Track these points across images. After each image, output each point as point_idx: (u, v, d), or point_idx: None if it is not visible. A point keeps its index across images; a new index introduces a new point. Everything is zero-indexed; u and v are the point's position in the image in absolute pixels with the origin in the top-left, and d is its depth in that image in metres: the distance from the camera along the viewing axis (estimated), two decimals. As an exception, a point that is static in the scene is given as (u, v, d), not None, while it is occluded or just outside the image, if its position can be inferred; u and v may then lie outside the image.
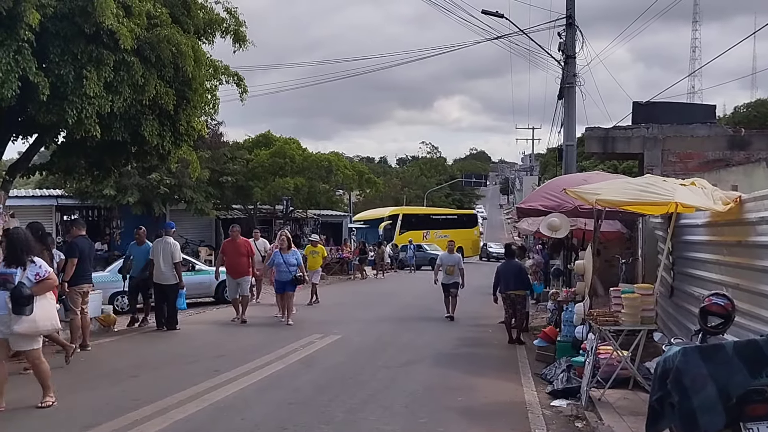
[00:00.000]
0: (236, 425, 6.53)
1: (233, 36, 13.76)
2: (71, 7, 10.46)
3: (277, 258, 14.35)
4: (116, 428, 6.22)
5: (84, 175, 15.64)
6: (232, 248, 14.48)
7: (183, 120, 13.07)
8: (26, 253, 6.84)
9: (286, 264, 14.14)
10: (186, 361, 9.67)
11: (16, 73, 9.78)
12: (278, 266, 14.25)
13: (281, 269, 14.19)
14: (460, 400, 7.82)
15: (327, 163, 32.73)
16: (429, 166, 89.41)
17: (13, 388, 7.67)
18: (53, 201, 27.14)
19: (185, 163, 18.74)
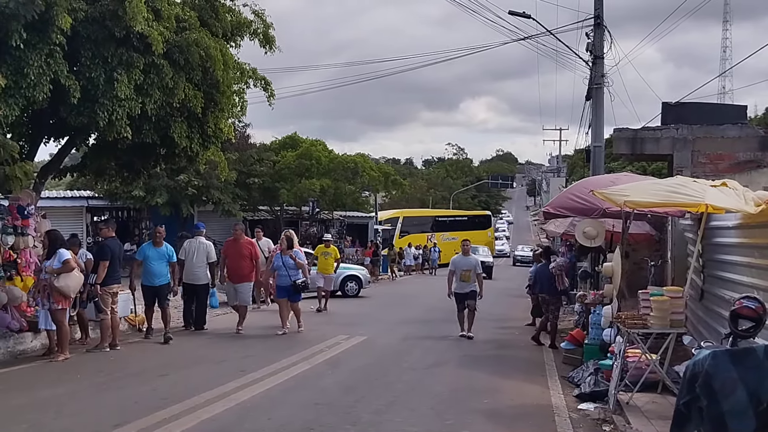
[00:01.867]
0: (262, 425, 6.57)
1: (262, 39, 13.88)
2: (102, 11, 10.64)
3: (276, 260, 12.81)
4: (144, 427, 6.29)
5: (114, 176, 15.87)
6: (235, 250, 13.08)
7: (211, 122, 13.21)
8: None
9: (285, 267, 12.50)
10: (213, 361, 9.76)
11: (47, 76, 9.96)
12: (278, 270, 12.69)
13: (281, 273, 12.60)
14: (486, 402, 7.79)
15: (353, 164, 32.82)
16: (455, 167, 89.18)
17: (45, 387, 7.82)
18: (84, 202, 27.58)
19: (213, 164, 18.97)
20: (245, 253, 12.95)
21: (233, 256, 12.98)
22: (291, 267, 12.38)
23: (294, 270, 12.42)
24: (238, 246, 13.03)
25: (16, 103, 9.82)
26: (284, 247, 12.67)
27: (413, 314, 16.81)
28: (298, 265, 12.45)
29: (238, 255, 12.90)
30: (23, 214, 10.88)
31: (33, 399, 7.31)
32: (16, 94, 9.74)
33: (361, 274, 22.54)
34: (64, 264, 9.48)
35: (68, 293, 9.56)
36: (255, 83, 14.25)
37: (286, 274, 12.43)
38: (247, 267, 12.93)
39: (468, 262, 12.82)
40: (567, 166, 60.07)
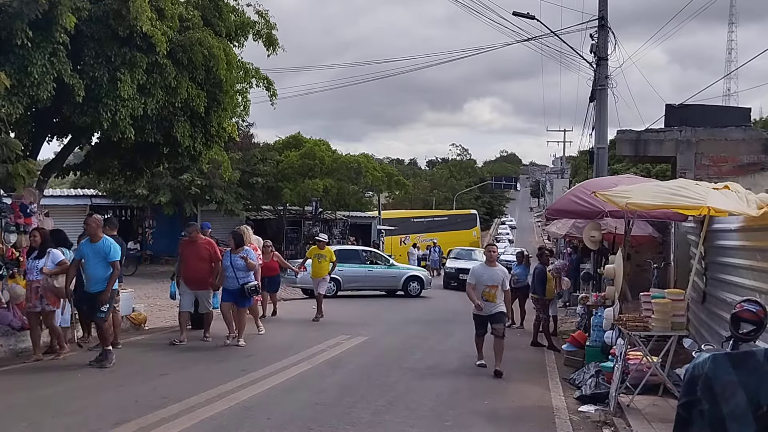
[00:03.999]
0: (262, 424, 6.57)
1: (265, 39, 13.90)
2: (105, 11, 10.68)
3: (224, 259, 11.12)
4: (145, 425, 6.29)
5: (117, 175, 15.94)
6: (191, 251, 11.22)
7: (214, 122, 13.24)
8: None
9: (233, 268, 10.96)
10: (214, 360, 9.76)
11: (51, 75, 10.01)
12: (225, 271, 11.04)
13: (228, 274, 11.01)
14: (486, 404, 7.78)
15: (356, 164, 32.83)
16: (459, 168, 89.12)
17: (45, 385, 7.83)
18: (87, 201, 27.65)
19: (216, 164, 19.03)
20: (203, 255, 11.13)
21: (189, 259, 11.19)
22: (240, 268, 10.88)
23: (244, 272, 10.94)
24: (195, 247, 11.20)
25: (20, 102, 9.86)
26: (233, 245, 11.13)
27: (415, 315, 16.81)
28: (249, 267, 10.97)
29: (195, 257, 11.13)
30: (26, 212, 10.90)
31: (33, 397, 7.31)
32: (20, 92, 9.79)
33: (422, 274, 23.27)
34: (60, 265, 9.40)
35: (64, 294, 9.51)
36: (258, 83, 14.28)
37: (233, 276, 10.94)
38: (205, 271, 11.10)
39: (493, 276, 9.78)
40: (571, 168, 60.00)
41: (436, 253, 37.35)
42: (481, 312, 9.68)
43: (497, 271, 9.89)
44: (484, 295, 9.63)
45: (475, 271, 10.07)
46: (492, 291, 9.66)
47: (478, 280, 9.79)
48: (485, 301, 9.62)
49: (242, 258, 10.93)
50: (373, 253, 24.45)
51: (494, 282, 9.69)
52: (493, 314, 9.70)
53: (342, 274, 21.11)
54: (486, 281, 9.71)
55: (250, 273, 11.04)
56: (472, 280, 9.90)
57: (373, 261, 22.86)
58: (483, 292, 9.63)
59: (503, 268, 10.16)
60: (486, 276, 9.75)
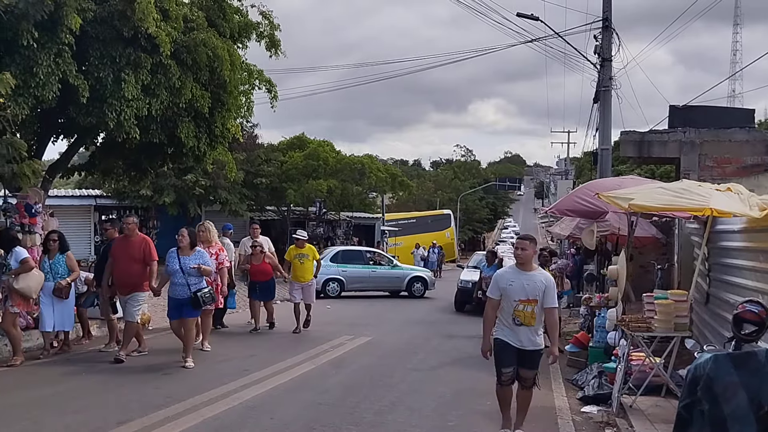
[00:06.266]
0: (265, 424, 6.59)
1: (268, 41, 13.92)
2: (110, 11, 10.71)
3: (171, 263, 9.30)
4: (148, 424, 6.32)
5: (122, 175, 16.00)
6: (123, 249, 9.66)
7: (218, 122, 13.26)
8: None
9: (183, 273, 9.20)
10: (217, 360, 9.78)
11: (56, 75, 10.04)
12: (173, 275, 9.32)
13: (176, 281, 9.27)
14: (489, 404, 7.77)
15: (360, 165, 32.79)
16: (463, 169, 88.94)
17: (49, 384, 7.86)
18: (92, 201, 27.69)
19: (220, 164, 19.01)
20: (136, 254, 9.54)
21: (121, 259, 9.63)
22: (192, 273, 9.20)
23: (196, 278, 9.26)
24: (129, 245, 9.65)
25: (26, 102, 9.88)
26: (185, 244, 9.33)
27: (419, 316, 16.81)
28: (203, 272, 9.36)
29: (127, 257, 9.56)
30: (31, 212, 10.96)
31: (36, 396, 7.35)
32: (26, 93, 9.82)
33: (426, 275, 23.22)
34: (23, 264, 8.89)
35: (30, 294, 9.05)
36: (260, 85, 14.30)
37: (183, 283, 9.17)
38: (137, 273, 9.56)
39: (529, 284, 6.37)
40: (575, 169, 59.90)
41: (435, 254, 37.23)
42: (511, 342, 6.38)
43: (535, 277, 6.43)
44: (516, 316, 6.34)
45: (499, 278, 6.55)
46: (528, 309, 6.32)
47: (507, 292, 6.38)
48: (517, 326, 6.34)
49: (194, 267, 9.21)
50: (377, 253, 24.49)
51: (531, 296, 6.33)
52: (527, 350, 6.39)
53: (346, 274, 21.18)
54: (517, 293, 6.34)
55: (203, 279, 9.39)
56: (494, 292, 6.49)
57: (377, 262, 22.89)
58: (515, 311, 6.33)
59: (545, 274, 6.69)
60: (517, 285, 6.36)
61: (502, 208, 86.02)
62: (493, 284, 6.59)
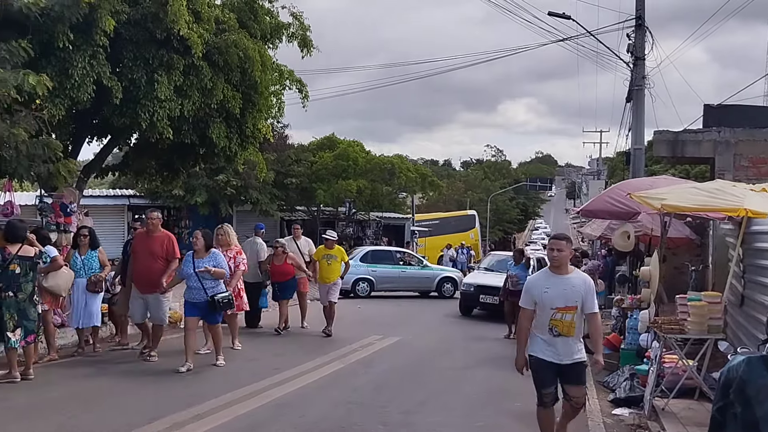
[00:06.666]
0: (296, 422, 6.64)
1: (300, 41, 14.02)
2: (144, 14, 10.88)
3: (186, 266, 8.98)
4: (179, 421, 6.40)
5: (154, 175, 16.21)
6: (144, 245, 9.36)
7: (249, 123, 13.38)
8: None
9: (198, 277, 8.82)
10: (248, 358, 9.86)
11: (91, 77, 10.23)
12: (187, 279, 8.95)
13: (191, 284, 8.90)
14: (519, 405, 7.73)
15: (390, 165, 32.82)
16: (493, 169, 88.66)
17: (82, 380, 8.00)
18: (125, 201, 28.12)
19: (251, 164, 19.20)
20: (157, 251, 9.22)
21: (141, 255, 9.33)
22: (206, 276, 8.84)
23: (212, 281, 8.89)
24: (151, 241, 9.32)
25: (62, 104, 10.09)
26: (199, 247, 8.99)
27: (448, 316, 16.76)
28: (215, 275, 8.91)
29: (148, 254, 9.23)
30: (66, 211, 11.17)
31: (70, 392, 7.47)
32: (62, 94, 10.02)
33: (456, 276, 22.97)
34: (52, 262, 8.62)
35: (59, 292, 9.05)
36: (291, 85, 14.41)
37: (198, 286, 8.82)
38: (158, 270, 9.18)
39: (567, 289, 5.67)
40: (607, 169, 59.27)
41: (464, 255, 37.04)
42: (552, 358, 5.66)
43: (573, 281, 5.71)
44: (553, 325, 5.62)
45: (532, 286, 5.83)
46: (566, 318, 5.61)
47: (541, 299, 5.66)
48: (554, 337, 5.63)
49: (205, 270, 8.80)
50: (407, 254, 24.49)
51: (570, 300, 5.63)
52: (569, 363, 5.66)
53: (376, 274, 21.21)
54: (554, 300, 5.62)
55: (218, 282, 9.00)
56: (527, 302, 5.77)
57: (407, 262, 22.89)
58: (551, 320, 5.62)
59: (583, 276, 5.93)
60: (554, 291, 5.64)
61: (533, 209, 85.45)
62: (526, 293, 5.81)
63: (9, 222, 8.31)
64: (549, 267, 5.86)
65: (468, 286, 17.29)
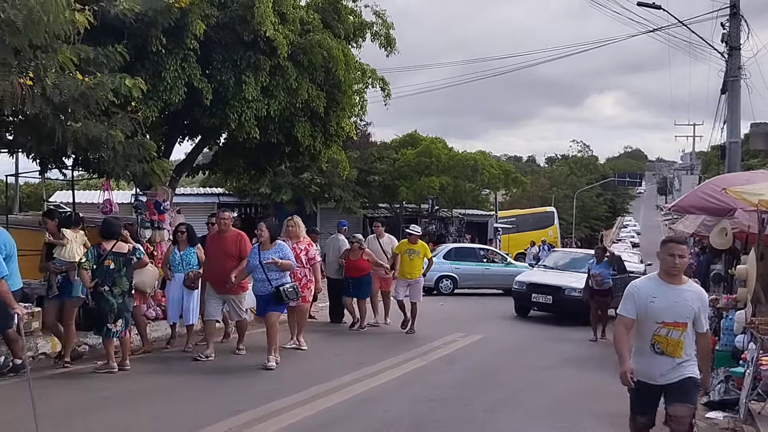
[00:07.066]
0: (379, 417, 6.70)
1: (383, 40, 14.11)
2: (232, 17, 11.17)
3: (252, 259, 9.00)
4: (263, 414, 6.55)
5: (242, 174, 16.66)
6: (217, 246, 9.39)
7: (333, 121, 13.57)
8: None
9: (263, 269, 8.80)
10: (330, 354, 10.01)
11: (182, 79, 10.60)
12: (253, 271, 8.97)
13: (257, 276, 8.91)
14: (605, 406, 7.54)
15: (473, 162, 32.56)
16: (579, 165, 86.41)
17: (172, 374, 8.31)
18: (215, 199, 29.02)
19: (335, 162, 19.46)
20: (230, 251, 9.24)
21: (215, 256, 9.35)
22: (273, 268, 8.79)
23: (277, 272, 8.84)
24: (222, 242, 9.36)
25: (155, 105, 10.50)
26: (264, 239, 8.97)
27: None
28: (281, 266, 8.84)
29: (222, 254, 9.24)
30: (159, 209, 11.62)
31: (163, 383, 7.76)
32: (155, 96, 10.41)
33: None
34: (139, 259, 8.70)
35: (143, 289, 9.32)
36: (374, 83, 14.51)
37: (263, 278, 8.80)
38: (232, 270, 9.12)
39: (678, 303, 4.87)
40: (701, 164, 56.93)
41: (546, 253, 36.33)
42: (648, 379, 4.90)
43: (685, 294, 4.89)
44: (655, 341, 4.85)
45: (636, 291, 4.97)
46: (674, 335, 4.83)
47: (647, 310, 4.86)
48: (657, 354, 4.86)
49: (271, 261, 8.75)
50: (491, 251, 24.28)
51: (681, 315, 4.83)
52: (673, 383, 4.87)
53: (459, 271, 21.15)
54: (661, 313, 4.82)
55: (284, 273, 8.94)
56: (627, 309, 4.95)
57: (491, 259, 22.69)
58: (654, 336, 4.85)
59: (699, 290, 5.07)
60: (662, 303, 4.83)
61: (622, 205, 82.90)
62: (627, 299, 4.96)
63: (105, 219, 8.74)
64: (660, 274, 4.95)
65: (520, 285, 16.14)
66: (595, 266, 12.73)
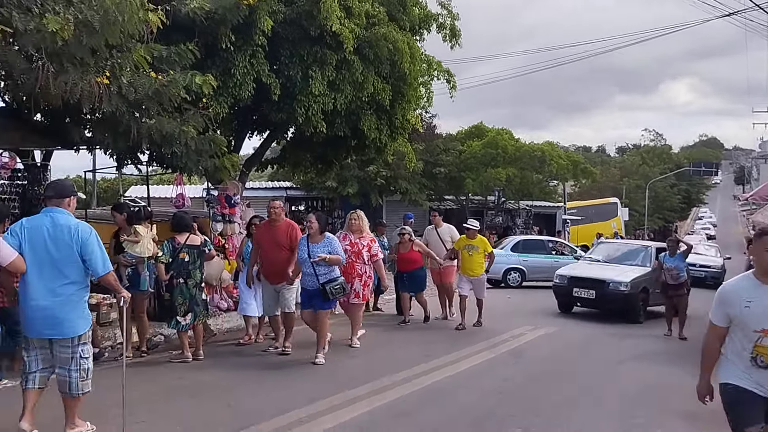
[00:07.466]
0: (447, 409, 6.70)
1: (448, 32, 14.03)
2: (298, 12, 11.30)
3: (300, 251, 8.58)
4: (336, 403, 6.64)
5: (309, 168, 16.87)
6: (269, 236, 9.05)
7: (398, 114, 13.58)
8: None
9: (311, 263, 8.42)
10: (397, 345, 10.03)
11: (251, 75, 10.80)
12: (302, 265, 8.58)
13: (305, 270, 8.54)
14: (683, 403, 7.32)
15: (540, 153, 32.07)
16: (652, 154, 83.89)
17: (247, 363, 8.47)
18: (283, 192, 29.47)
19: (400, 155, 19.48)
20: (282, 241, 8.90)
21: (268, 246, 9.04)
22: (321, 263, 8.40)
23: (325, 267, 8.46)
24: (274, 231, 9.04)
25: (225, 101, 10.72)
26: (314, 230, 8.53)
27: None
28: (330, 262, 8.45)
29: (274, 244, 8.94)
30: (230, 203, 11.90)
31: (232, 373, 7.89)
32: (225, 93, 10.64)
33: None
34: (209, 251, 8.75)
35: (209, 281, 9.53)
36: (439, 75, 14.45)
37: (311, 272, 8.44)
38: (285, 260, 8.87)
39: None
40: (781, 152, 54.57)
41: None
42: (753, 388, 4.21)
43: None
44: (758, 353, 4.15)
45: (727, 295, 4.29)
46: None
47: (740, 316, 4.19)
48: (760, 368, 4.16)
49: (319, 258, 8.36)
50: (559, 243, 23.89)
51: None
52: None
53: (527, 264, 20.91)
54: (760, 320, 4.12)
55: (334, 268, 8.59)
56: (719, 317, 4.32)
57: (560, 251, 22.33)
58: (756, 347, 4.15)
59: None
60: (759, 307, 4.11)
61: (697, 196, 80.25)
62: (720, 305, 4.28)
63: (175, 214, 8.97)
64: (756, 273, 4.21)
65: (561, 279, 14.86)
66: (668, 259, 12.24)
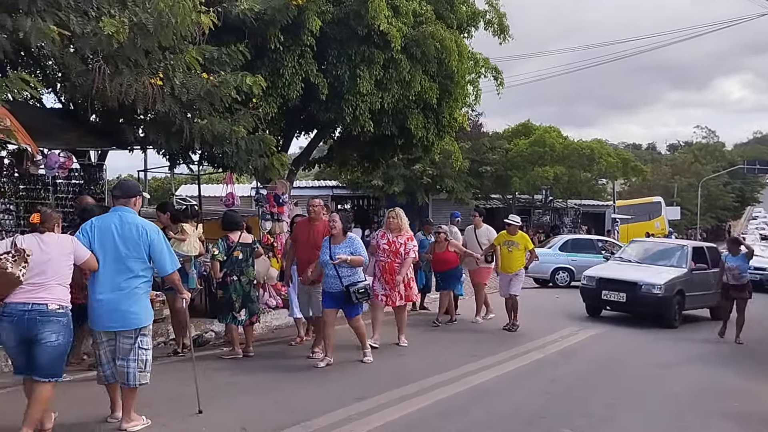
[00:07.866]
0: (495, 409, 6.68)
1: (496, 28, 13.96)
2: (346, 12, 11.38)
3: (323, 252, 8.09)
4: (384, 402, 6.66)
5: (356, 166, 17.00)
6: (306, 234, 8.74)
7: (445, 112, 13.58)
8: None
9: (334, 264, 7.96)
10: (445, 344, 10.01)
11: (299, 75, 10.93)
12: (324, 266, 8.10)
13: (327, 272, 8.05)
14: (735, 406, 7.19)
15: (588, 151, 31.67)
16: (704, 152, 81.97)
17: (295, 361, 8.57)
18: (329, 191, 29.76)
19: (447, 153, 19.48)
20: (318, 241, 8.35)
21: (304, 245, 8.72)
22: (343, 265, 7.96)
23: (348, 269, 8.00)
24: (313, 229, 8.68)
25: (274, 102, 10.88)
26: (336, 231, 8.06)
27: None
28: (352, 263, 7.98)
29: (310, 243, 8.54)
30: (279, 201, 12.03)
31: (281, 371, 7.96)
32: (274, 93, 10.79)
33: None
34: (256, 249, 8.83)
35: (258, 279, 9.54)
36: (486, 73, 14.40)
37: (334, 274, 7.98)
38: None
39: None
40: (841, 149, 52.70)
41: None
42: None
43: None
44: None
45: None
46: None
47: None
48: None
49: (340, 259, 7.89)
50: (609, 242, 23.54)
51: None
52: None
53: (576, 264, 20.64)
54: None
55: (357, 270, 8.13)
56: None
57: (609, 251, 21.98)
58: None
59: None
60: None
61: (751, 194, 78.10)
62: None
63: (226, 213, 9.12)
64: None
65: (589, 280, 13.83)
66: (730, 259, 11.81)
